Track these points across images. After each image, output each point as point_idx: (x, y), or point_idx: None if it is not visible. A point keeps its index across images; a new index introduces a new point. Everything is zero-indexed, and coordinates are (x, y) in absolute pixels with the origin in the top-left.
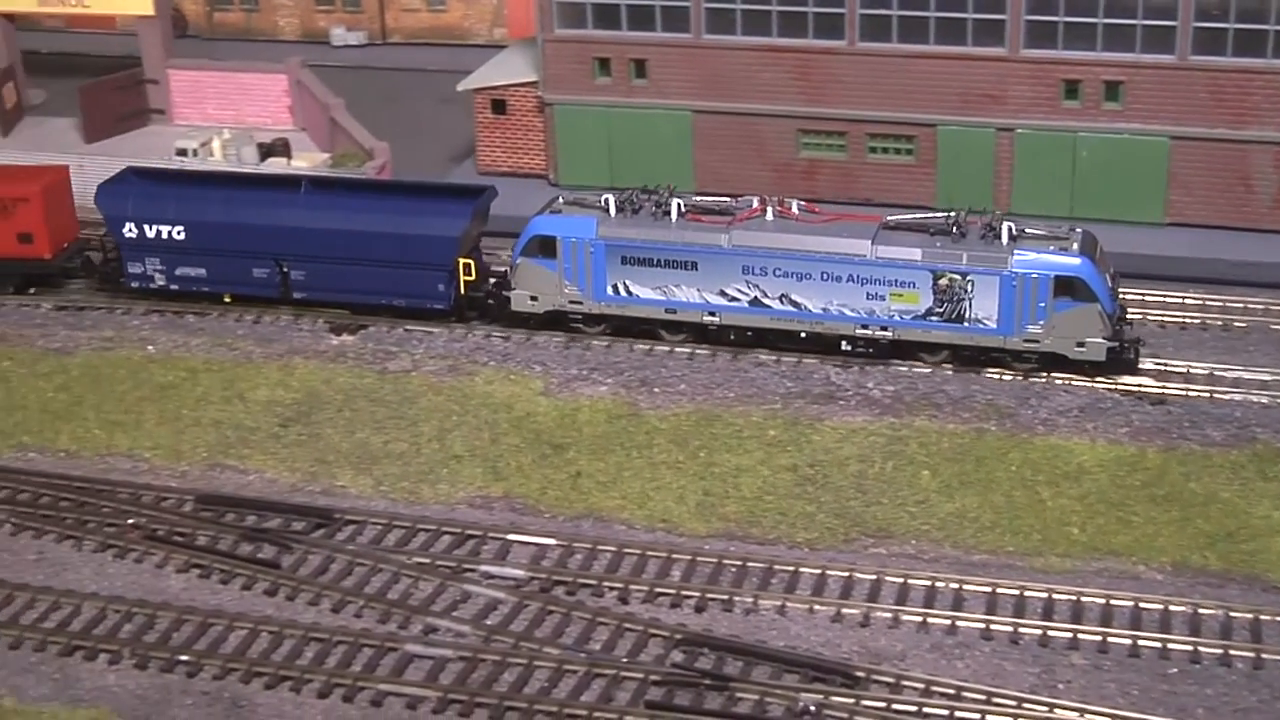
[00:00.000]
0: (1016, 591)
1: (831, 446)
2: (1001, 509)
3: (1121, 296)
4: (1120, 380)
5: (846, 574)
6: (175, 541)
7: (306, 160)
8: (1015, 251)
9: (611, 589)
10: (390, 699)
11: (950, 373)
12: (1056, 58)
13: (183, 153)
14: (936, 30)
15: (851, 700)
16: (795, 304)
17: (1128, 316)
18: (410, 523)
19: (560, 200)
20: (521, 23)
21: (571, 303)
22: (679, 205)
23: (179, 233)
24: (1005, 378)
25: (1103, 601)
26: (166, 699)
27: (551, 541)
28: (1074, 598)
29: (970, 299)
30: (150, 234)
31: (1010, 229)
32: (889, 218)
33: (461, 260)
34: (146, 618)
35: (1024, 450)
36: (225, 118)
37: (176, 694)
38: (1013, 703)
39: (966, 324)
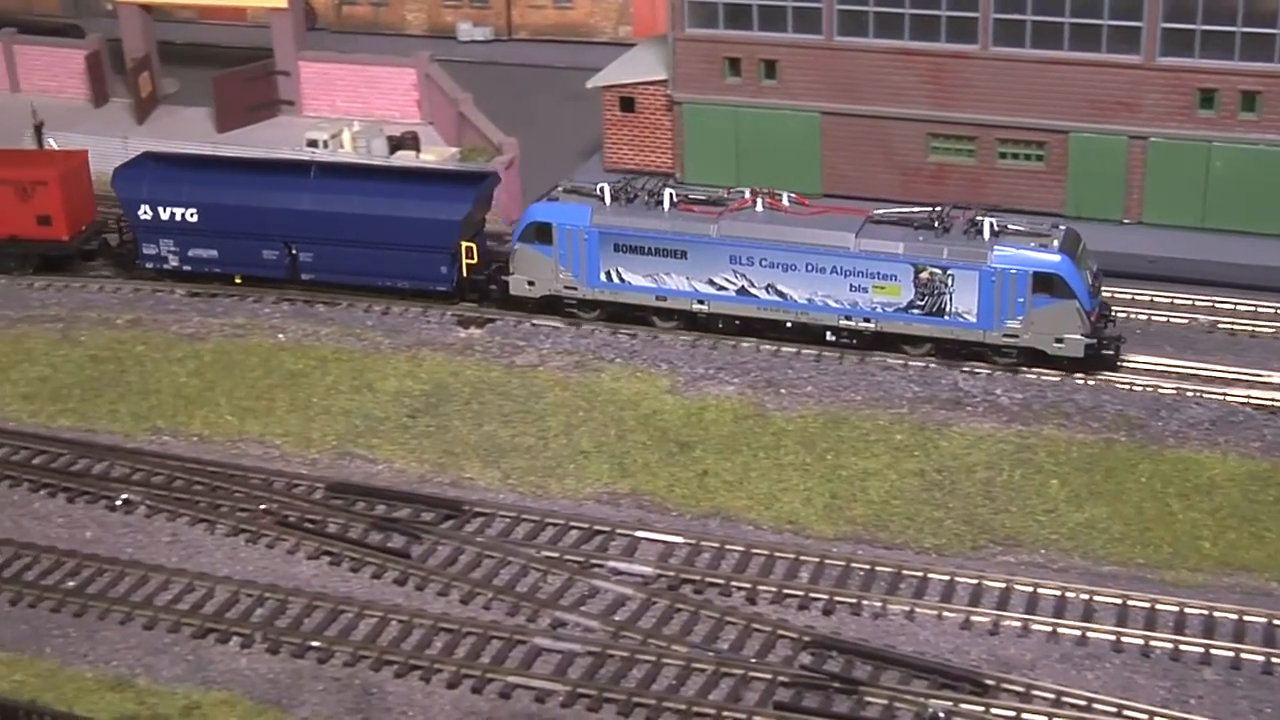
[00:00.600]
0: (1148, 604)
1: (959, 452)
2: (1131, 521)
3: (1106, 295)
4: (1253, 394)
5: (975, 581)
6: (306, 528)
7: (434, 154)
8: (995, 247)
9: (739, 589)
10: (519, 691)
11: (1080, 382)
12: (1192, 66)
13: (313, 144)
14: (1071, 36)
15: (981, 708)
16: (781, 294)
17: (1112, 315)
18: (538, 516)
19: (560, 188)
20: (647, 21)
21: (566, 288)
22: (671, 196)
23: (192, 215)
24: (1135, 388)
25: (1235, 617)
26: (297, 684)
27: (679, 539)
28: (1206, 612)
29: (950, 293)
30: (164, 216)
31: (992, 225)
32: (876, 212)
33: (464, 244)
34: (278, 603)
35: (1154, 462)
36: (353, 110)
37: (307, 679)
38: (1144, 716)
39: (947, 317)
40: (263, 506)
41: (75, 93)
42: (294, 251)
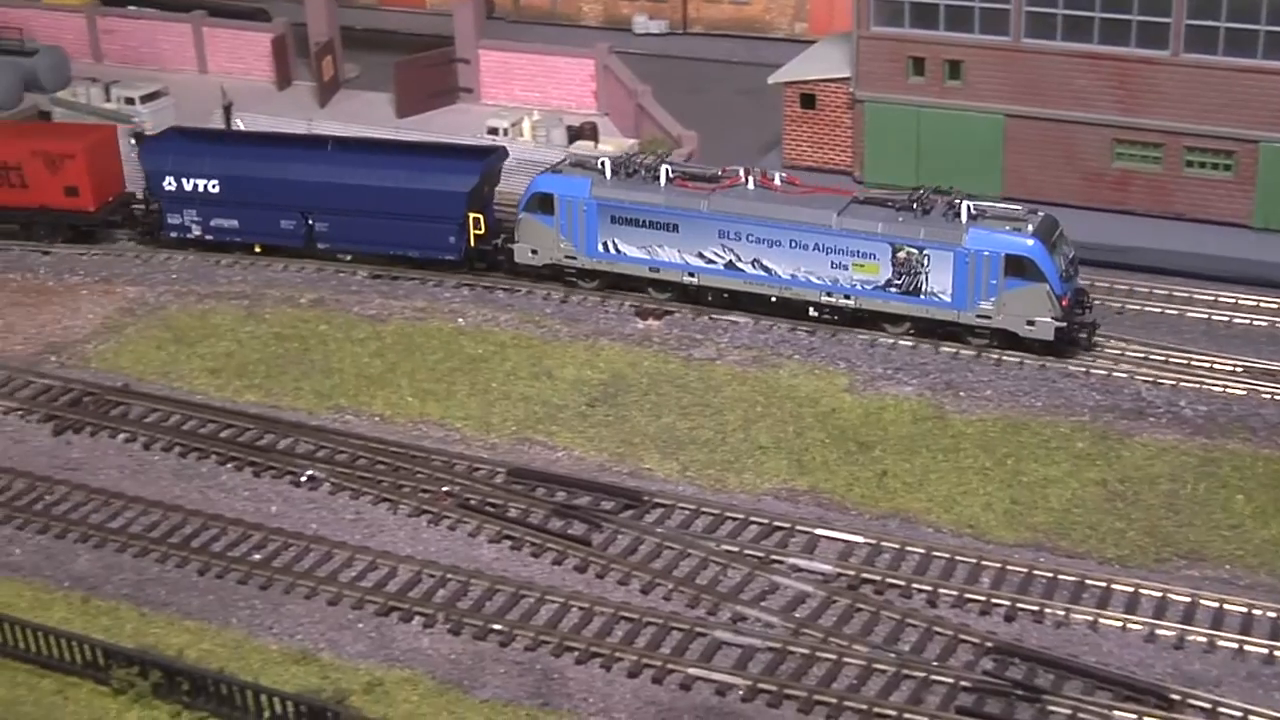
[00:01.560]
0: None
1: (1141, 463)
2: None
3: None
4: None
5: (1160, 594)
6: (487, 512)
7: (613, 145)
8: (970, 229)
9: (920, 591)
10: (699, 684)
11: (1267, 397)
12: None
13: (494, 131)
14: (1266, 44)
15: None
16: (766, 269)
17: (1089, 302)
18: (717, 510)
19: (566, 160)
20: (824, 17)
21: (567, 257)
22: (667, 171)
23: (214, 187)
24: None
25: None
26: (479, 666)
27: (859, 539)
28: None
29: (926, 273)
30: (188, 187)
31: (969, 208)
32: (860, 194)
33: (471, 215)
34: (460, 584)
35: None
36: (530, 99)
37: (489, 661)
38: None
39: (923, 297)
40: (445, 489)
41: (260, 75)
42: (310, 221)
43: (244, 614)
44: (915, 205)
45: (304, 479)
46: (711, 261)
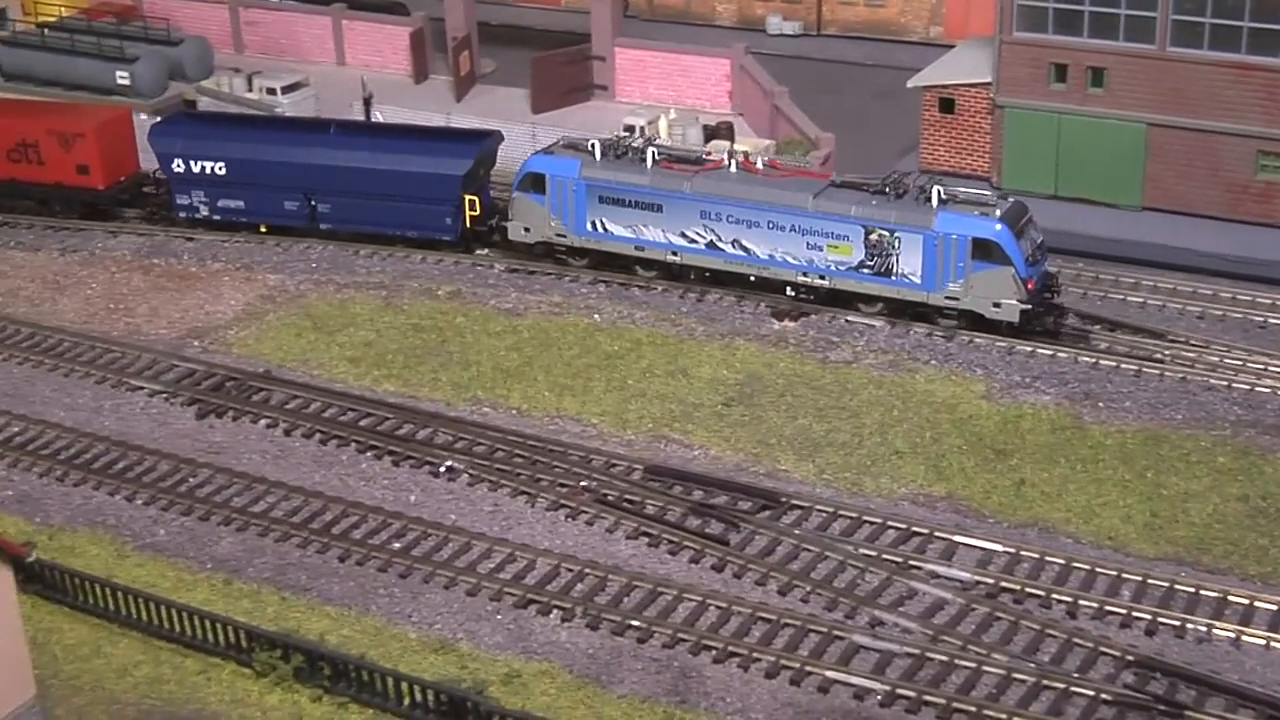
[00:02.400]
0: None
1: None
2: None
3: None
4: None
5: None
6: (625, 508)
7: (749, 145)
8: (939, 213)
9: (1060, 602)
10: (837, 687)
11: None
12: None
13: (630, 129)
14: None
15: None
16: (745, 249)
17: (1058, 287)
18: (855, 513)
19: (559, 142)
20: (959, 21)
21: (557, 235)
22: (654, 154)
23: (221, 168)
24: None
25: None
26: (616, 661)
27: (997, 547)
28: None
29: (897, 254)
30: (195, 169)
31: (939, 192)
32: (838, 178)
33: (467, 196)
34: (597, 579)
35: None
36: (665, 98)
37: (627, 657)
38: None
39: (894, 278)
40: (582, 484)
41: (397, 68)
42: (313, 202)
43: (383, 601)
44: (888, 190)
45: (443, 469)
46: (694, 241)
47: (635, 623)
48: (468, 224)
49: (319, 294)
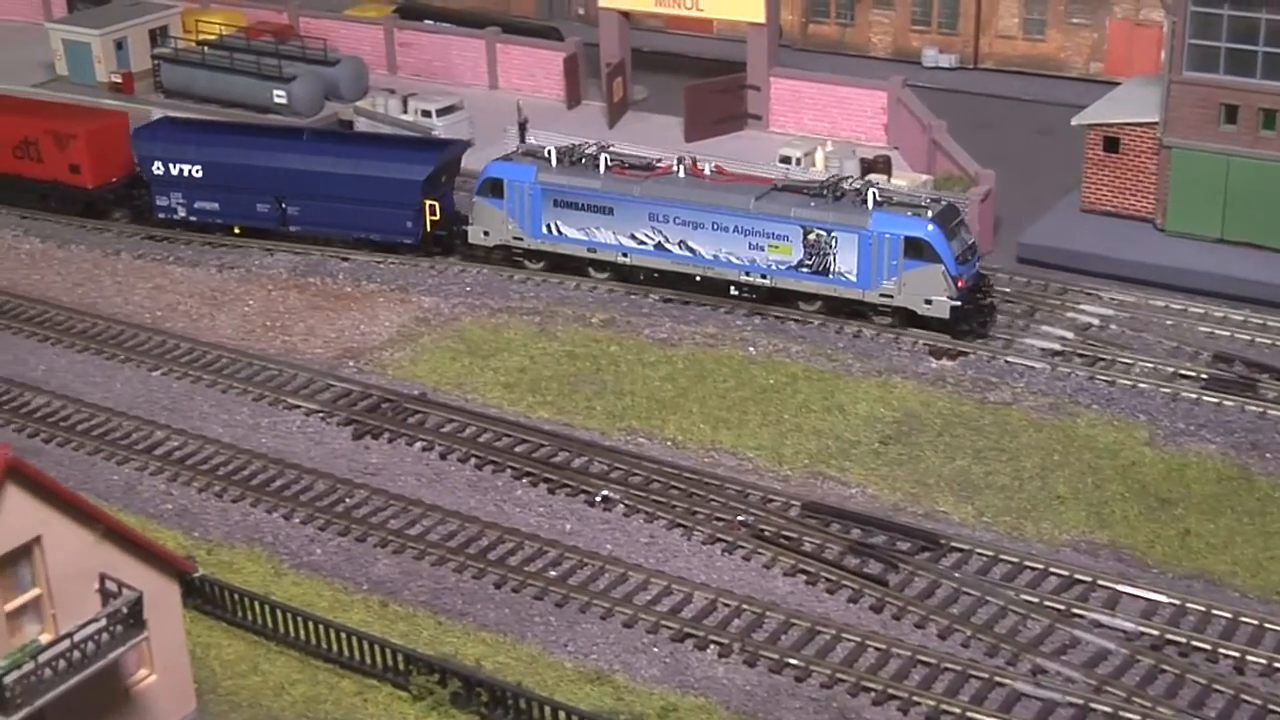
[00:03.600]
0: None
1: None
2: None
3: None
4: None
5: None
6: (782, 544)
7: (906, 180)
8: (874, 214)
9: (1226, 656)
10: None
11: None
12: None
13: (786, 160)
14: None
15: None
16: (691, 250)
17: (990, 287)
18: (1016, 558)
19: (517, 149)
20: (1121, 58)
21: (514, 239)
22: (606, 160)
23: (197, 171)
24: None
25: None
26: (774, 699)
27: (1163, 598)
28: None
29: (834, 254)
30: (174, 172)
31: (874, 194)
32: (779, 182)
33: (427, 202)
34: (755, 616)
35: None
36: (819, 129)
37: (784, 696)
38: None
39: (831, 276)
40: (739, 518)
41: (550, 93)
42: (284, 205)
43: (539, 629)
44: (827, 192)
45: (599, 499)
46: (642, 243)
47: (793, 661)
48: (428, 228)
49: (473, 318)
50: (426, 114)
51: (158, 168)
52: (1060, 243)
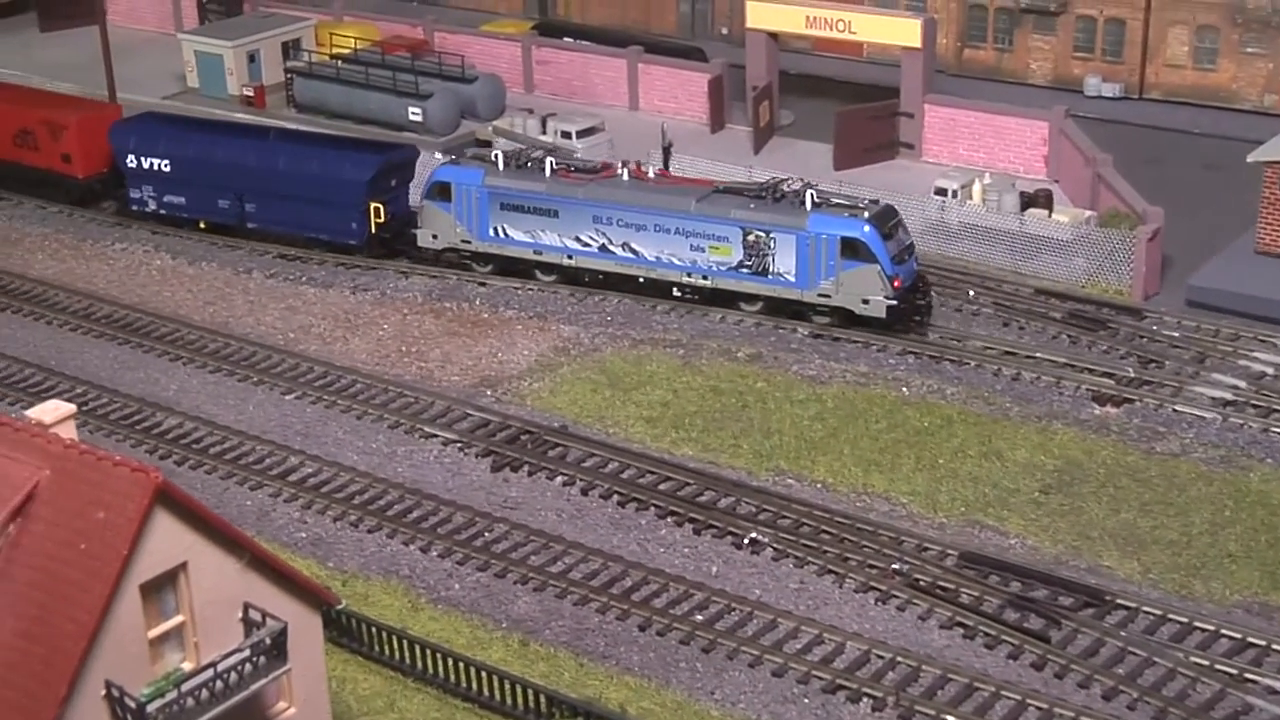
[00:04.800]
0: None
1: None
2: None
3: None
4: None
5: None
6: (938, 595)
7: (1067, 216)
8: (811, 215)
9: None
10: None
11: None
12: None
13: (941, 192)
14: None
15: None
16: (634, 252)
17: (928, 288)
18: (1185, 618)
19: (467, 153)
20: None
21: (462, 242)
22: (552, 163)
23: (166, 166)
24: None
25: None
26: None
27: None
28: None
29: (773, 254)
30: (146, 165)
31: (812, 196)
32: (720, 185)
33: (373, 204)
34: (910, 668)
35: None
36: (975, 160)
37: None
38: None
39: (770, 277)
40: (894, 566)
41: (692, 116)
42: (243, 202)
43: (684, 675)
44: (766, 194)
45: (746, 541)
46: (587, 245)
47: (950, 717)
48: (373, 230)
49: (614, 349)
50: (566, 135)
51: (131, 161)
52: (1233, 286)
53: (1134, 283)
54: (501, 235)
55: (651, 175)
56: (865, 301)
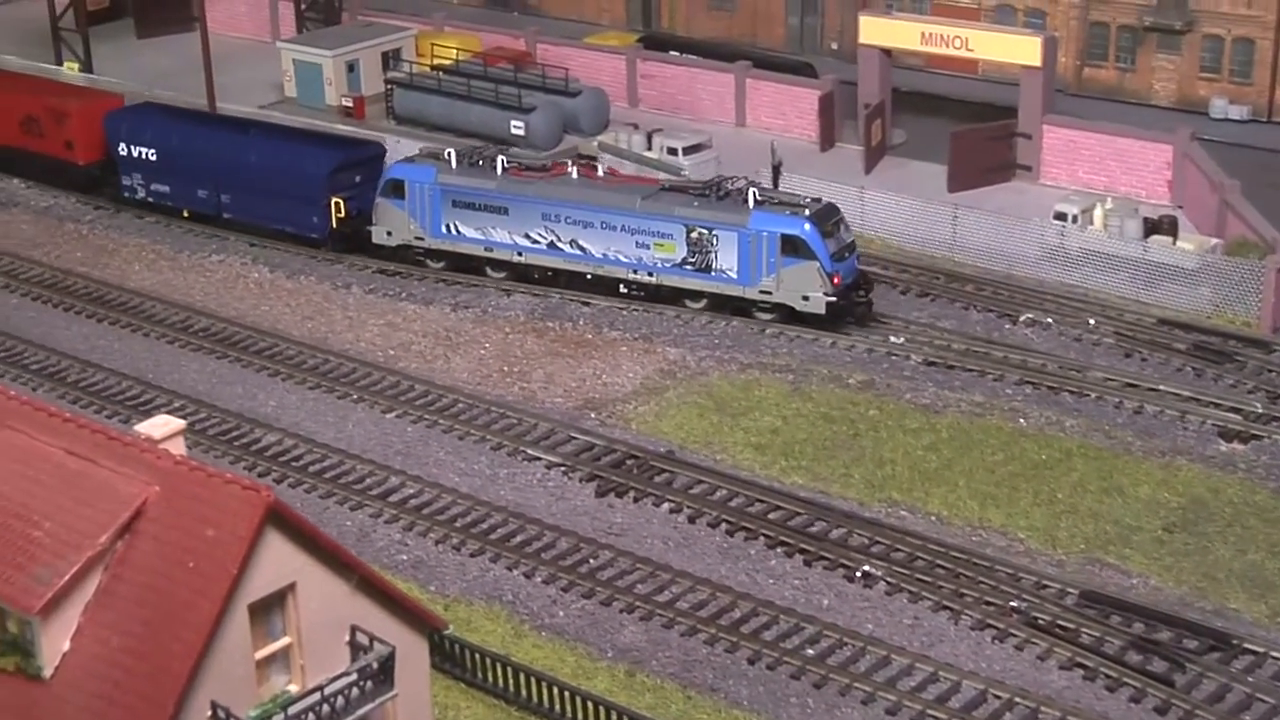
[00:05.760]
0: None
1: None
2: None
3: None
4: None
5: None
6: (1058, 634)
7: (1193, 244)
8: (753, 213)
9: None
10: None
11: None
12: None
13: (1061, 217)
14: None
15: None
16: (582, 249)
17: (869, 284)
18: None
19: (419, 151)
20: None
21: (416, 238)
22: (503, 161)
23: (153, 155)
24: None
25: None
26: None
27: None
28: None
29: (716, 251)
30: (135, 154)
31: (754, 194)
32: (666, 183)
33: (334, 199)
34: (1029, 710)
35: None
36: (1095, 183)
37: None
38: None
39: (713, 274)
40: (1011, 604)
41: (801, 133)
42: (219, 193)
43: (795, 711)
44: (710, 192)
45: (859, 574)
46: (536, 242)
47: None
48: (334, 225)
49: (721, 372)
50: (672, 152)
51: (123, 149)
52: None
53: (1262, 314)
54: (454, 232)
55: (600, 174)
56: (805, 298)
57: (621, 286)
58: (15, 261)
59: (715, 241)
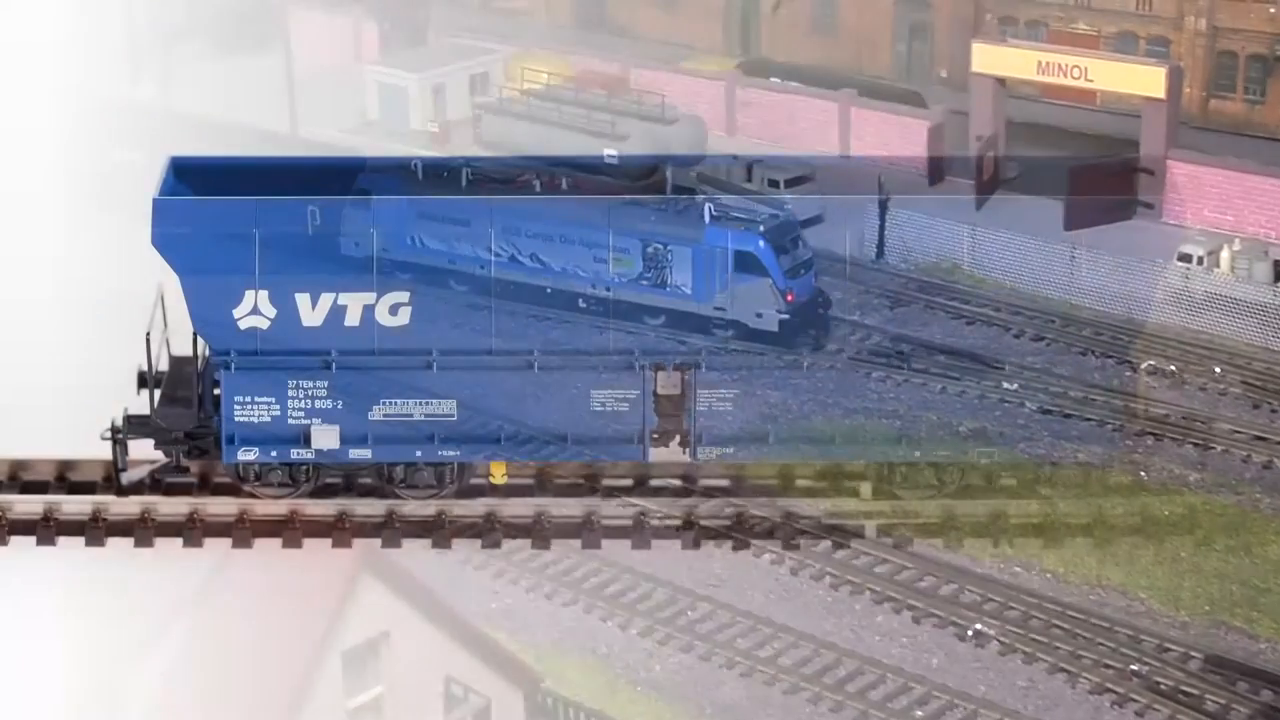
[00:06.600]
0: None
1: None
2: None
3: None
4: None
5: None
6: (1181, 701)
7: None
8: (708, 228)
9: None
10: None
11: None
12: None
13: (1186, 258)
14: None
15: None
16: (541, 263)
17: (827, 302)
18: None
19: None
20: None
21: (381, 250)
22: (467, 173)
23: None
24: None
25: None
26: None
27: None
28: None
29: (671, 267)
30: None
31: (710, 209)
32: (627, 197)
33: None
34: None
35: None
36: (1222, 223)
37: None
38: None
39: (669, 290)
40: (1131, 667)
41: (908, 166)
42: None
43: None
44: (667, 207)
45: (970, 633)
46: (498, 255)
47: None
48: None
49: (824, 418)
50: (774, 184)
51: None
52: None
53: None
54: (419, 245)
55: (564, 186)
56: (758, 315)
57: (580, 301)
58: None
59: (670, 257)
